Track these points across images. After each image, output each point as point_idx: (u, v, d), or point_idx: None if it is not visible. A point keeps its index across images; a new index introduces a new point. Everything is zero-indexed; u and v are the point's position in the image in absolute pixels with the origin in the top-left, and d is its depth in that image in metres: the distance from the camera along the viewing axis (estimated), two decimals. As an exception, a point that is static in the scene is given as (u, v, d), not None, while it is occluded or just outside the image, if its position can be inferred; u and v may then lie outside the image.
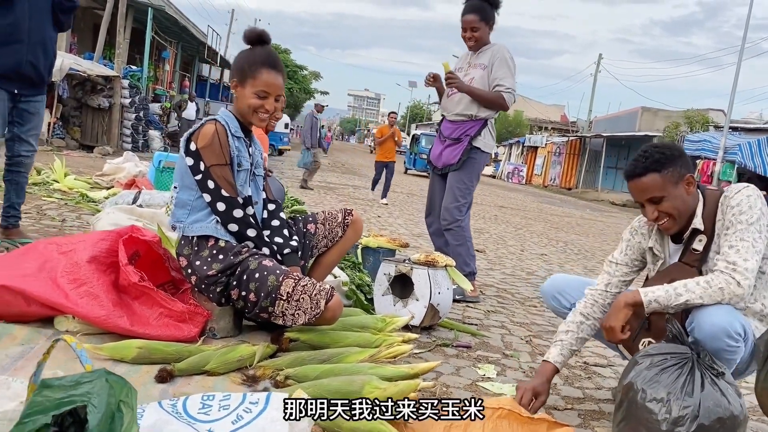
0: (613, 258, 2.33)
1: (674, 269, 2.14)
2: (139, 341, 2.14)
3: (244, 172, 2.53)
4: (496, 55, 3.81)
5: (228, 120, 2.50)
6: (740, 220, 2.00)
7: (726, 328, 1.89)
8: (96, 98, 13.32)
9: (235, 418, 1.49)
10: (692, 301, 1.95)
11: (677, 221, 2.09)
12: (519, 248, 7.26)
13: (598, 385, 2.65)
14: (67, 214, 4.79)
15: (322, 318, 2.35)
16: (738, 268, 1.94)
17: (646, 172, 2.05)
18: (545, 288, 2.47)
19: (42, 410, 0.92)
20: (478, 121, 3.85)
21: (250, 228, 2.48)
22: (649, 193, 2.06)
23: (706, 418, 1.74)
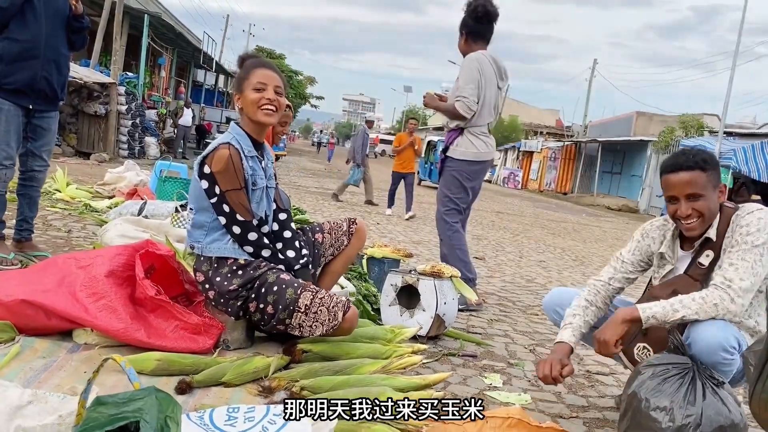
0: (621, 255, 2.41)
1: (678, 281, 2.21)
2: (158, 354, 2.21)
3: (260, 191, 2.58)
4: (462, 66, 3.90)
5: (240, 140, 2.54)
6: (746, 241, 2.06)
7: (721, 343, 1.97)
8: (92, 105, 13.36)
9: (260, 429, 1.56)
10: (688, 317, 2.03)
11: (704, 223, 2.14)
12: (517, 255, 7.34)
13: (601, 393, 2.72)
14: (72, 225, 4.84)
15: (339, 329, 2.43)
16: (733, 285, 2.01)
17: (695, 167, 2.10)
18: (546, 302, 2.55)
19: (97, 426, 0.99)
20: (453, 130, 3.98)
21: (265, 249, 2.53)
22: (691, 189, 2.10)
23: (708, 426, 1.81)
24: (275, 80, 2.57)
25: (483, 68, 3.85)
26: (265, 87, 2.52)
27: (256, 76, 2.53)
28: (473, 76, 3.83)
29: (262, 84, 2.52)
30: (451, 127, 3.97)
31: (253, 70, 2.55)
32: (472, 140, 3.96)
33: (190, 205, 2.57)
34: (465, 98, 3.82)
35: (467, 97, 3.82)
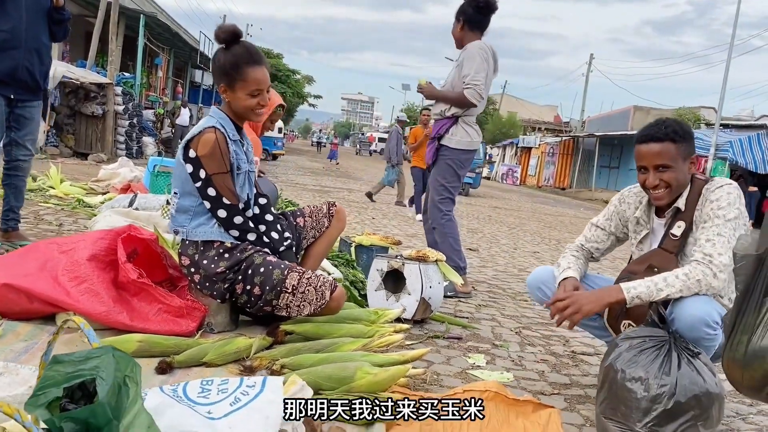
0: (596, 221, 2.46)
1: (653, 255, 2.23)
2: (140, 335, 2.22)
3: (243, 174, 2.59)
4: (466, 53, 3.89)
5: (225, 124, 2.53)
6: (718, 215, 2.09)
7: (704, 318, 1.99)
8: (89, 106, 13.37)
9: (233, 400, 1.56)
10: (672, 295, 2.05)
11: (672, 194, 2.17)
12: (512, 246, 7.35)
13: (584, 372, 2.73)
14: (64, 219, 4.85)
15: (327, 308, 2.45)
16: (714, 261, 2.03)
17: (665, 139, 2.13)
18: (530, 280, 2.56)
19: (54, 384, 1.00)
20: (447, 119, 3.95)
21: (250, 233, 2.55)
22: (660, 160, 2.14)
23: (683, 395, 1.82)
24: (267, 80, 2.55)
25: (488, 58, 3.89)
26: (260, 92, 2.51)
27: (251, 80, 2.47)
28: (483, 65, 3.84)
29: (258, 90, 2.50)
30: (446, 116, 3.97)
31: (246, 69, 2.47)
32: (466, 129, 3.98)
33: (174, 189, 2.57)
34: (476, 86, 3.81)
35: (479, 84, 3.82)
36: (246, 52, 2.51)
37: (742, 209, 2.12)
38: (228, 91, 2.52)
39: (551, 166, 31.40)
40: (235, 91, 2.50)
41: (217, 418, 1.50)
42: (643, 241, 2.34)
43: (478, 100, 3.85)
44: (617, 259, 7.06)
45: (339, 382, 1.96)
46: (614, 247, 2.52)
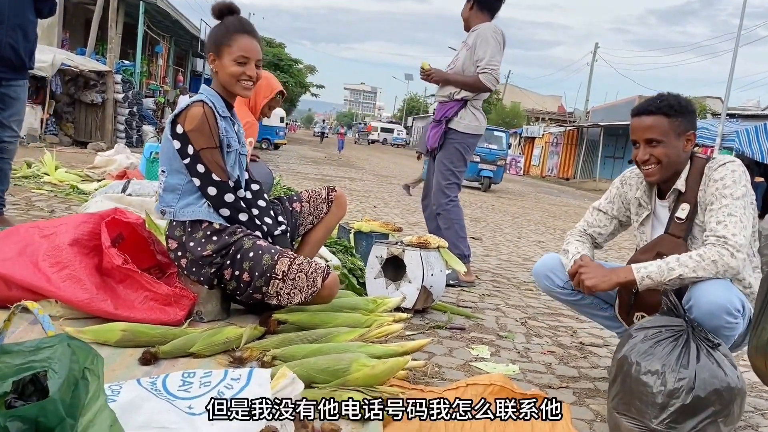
0: (598, 204, 2.35)
1: (661, 241, 2.11)
2: (123, 324, 2.10)
3: (234, 153, 2.47)
4: (479, 35, 3.75)
5: (214, 100, 2.43)
6: (725, 194, 1.97)
7: (725, 305, 1.85)
8: (89, 94, 13.23)
9: (215, 394, 1.44)
10: (686, 276, 1.91)
11: (663, 171, 2.06)
12: (516, 236, 7.21)
13: (594, 364, 2.61)
14: (56, 205, 4.73)
15: (318, 296, 2.31)
16: (729, 241, 1.91)
17: (657, 112, 2.03)
18: (537, 268, 2.43)
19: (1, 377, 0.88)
20: (455, 102, 3.80)
21: (242, 212, 2.42)
22: (650, 134, 2.04)
23: (702, 389, 1.69)
24: (257, 52, 2.44)
25: (501, 45, 3.77)
26: (247, 61, 2.40)
27: (238, 47, 2.39)
28: (498, 49, 3.73)
29: (245, 58, 2.39)
30: (455, 99, 3.82)
31: (236, 37, 2.39)
32: (474, 113, 3.85)
33: (161, 167, 2.45)
34: (493, 70, 3.70)
35: (495, 68, 3.71)
36: (237, 20, 2.43)
37: (748, 186, 2.01)
38: (216, 60, 2.42)
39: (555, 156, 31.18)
40: (222, 59, 2.40)
41: (198, 413, 1.38)
42: (644, 223, 2.22)
43: (494, 84, 3.77)
44: (623, 249, 6.92)
45: (333, 375, 1.83)
46: (617, 233, 2.39)
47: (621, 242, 7.55)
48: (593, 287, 2.02)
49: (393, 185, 13.02)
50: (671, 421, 1.70)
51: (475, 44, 3.74)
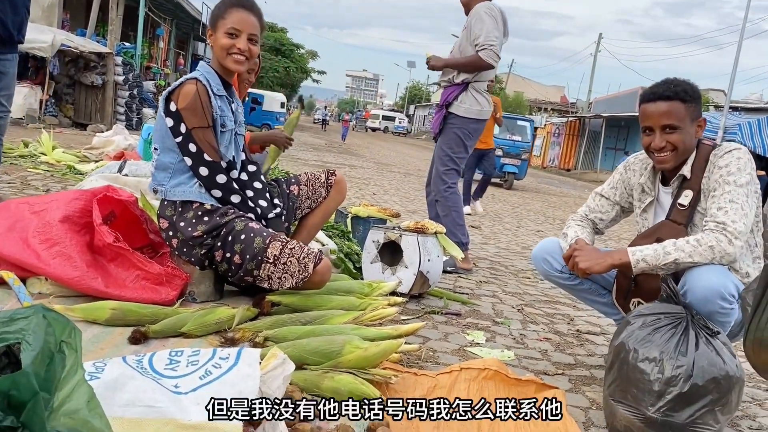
0: (601, 190, 2.32)
1: (662, 227, 2.08)
2: (114, 302, 2.07)
3: (229, 133, 2.42)
4: (473, 15, 3.68)
5: (209, 77, 2.38)
6: (728, 181, 1.93)
7: (720, 290, 1.82)
8: (89, 75, 13.13)
9: (203, 373, 1.41)
10: (681, 260, 1.88)
11: (677, 157, 2.03)
12: (515, 225, 7.18)
13: (590, 352, 2.58)
14: (52, 185, 4.69)
15: (310, 281, 2.28)
16: (728, 228, 1.87)
17: (674, 98, 1.98)
18: (535, 252, 2.39)
19: (-29, 348, 0.84)
20: (456, 85, 3.73)
21: (234, 194, 2.38)
22: (668, 120, 1.98)
23: (700, 377, 1.66)
24: (250, 26, 2.38)
25: (497, 18, 3.66)
26: (238, 33, 2.35)
27: (231, 19, 2.34)
28: (494, 24, 3.61)
29: (236, 30, 2.35)
30: (455, 82, 3.75)
31: (230, 10, 2.35)
32: (476, 97, 3.76)
33: (154, 144, 2.40)
34: (492, 46, 3.57)
35: (494, 44, 3.58)
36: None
37: (753, 174, 1.97)
38: (213, 35, 2.39)
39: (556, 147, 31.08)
40: (216, 32, 2.36)
41: (184, 392, 1.35)
42: (647, 209, 2.19)
43: (495, 60, 3.64)
44: (623, 239, 6.89)
45: (325, 356, 1.80)
46: (619, 219, 2.35)
47: (620, 233, 7.52)
48: (587, 269, 1.99)
49: (393, 173, 12.97)
50: (668, 409, 1.67)
51: (471, 24, 3.67)
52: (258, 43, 2.44)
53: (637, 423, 1.71)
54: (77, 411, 0.91)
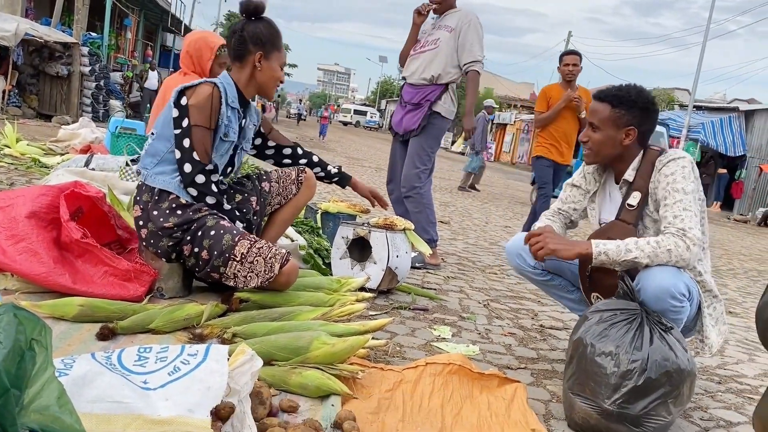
0: (571, 180, 2.41)
1: (612, 227, 2.17)
2: (81, 299, 2.06)
3: (229, 144, 2.47)
4: (464, 20, 3.73)
5: (228, 88, 2.45)
6: (677, 189, 2.02)
7: (669, 290, 1.90)
8: (54, 66, 12.87)
9: (171, 369, 1.43)
10: (639, 260, 1.95)
11: (594, 156, 2.19)
12: (483, 221, 7.27)
13: (552, 346, 2.65)
14: (16, 178, 4.61)
15: (275, 282, 2.31)
16: (687, 233, 1.95)
17: (605, 99, 2.13)
18: (509, 247, 2.43)
19: (-59, 347, 0.85)
20: (438, 85, 3.78)
21: (210, 196, 2.40)
22: (593, 118, 2.16)
23: (654, 371, 1.74)
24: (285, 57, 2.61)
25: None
26: (283, 66, 2.58)
27: (283, 54, 2.56)
28: (480, 33, 3.78)
29: (283, 64, 2.57)
30: (440, 82, 3.79)
31: (281, 43, 2.55)
32: (452, 98, 3.87)
33: (153, 129, 2.43)
34: (483, 58, 3.80)
35: (482, 57, 3.80)
36: (277, 28, 2.55)
37: (697, 181, 2.08)
38: (263, 60, 2.48)
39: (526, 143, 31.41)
40: (270, 61, 2.50)
41: (153, 388, 1.37)
42: (593, 199, 2.32)
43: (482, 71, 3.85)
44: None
45: (293, 352, 1.83)
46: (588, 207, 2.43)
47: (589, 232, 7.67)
48: (554, 251, 2.03)
49: (365, 168, 13.00)
50: (623, 401, 1.74)
51: (462, 29, 3.71)
52: None
53: (594, 415, 1.78)
54: (47, 407, 0.93)
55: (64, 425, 0.92)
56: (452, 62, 3.75)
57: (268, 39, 2.49)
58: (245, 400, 1.49)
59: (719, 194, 18.75)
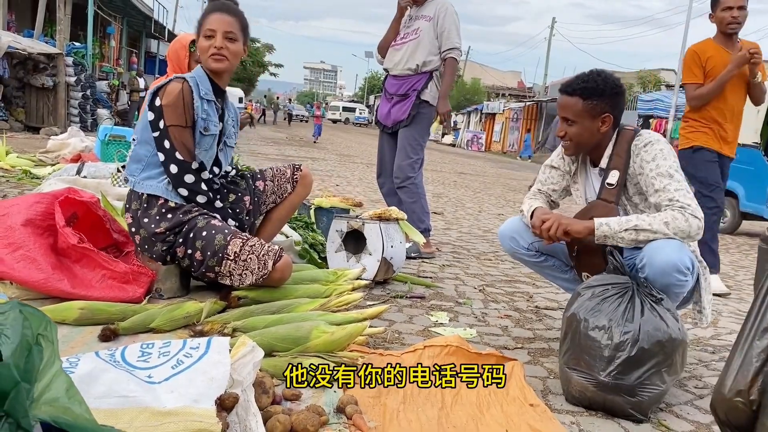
0: (549, 161, 2.43)
1: (594, 207, 2.20)
2: (81, 302, 2.09)
3: (211, 138, 2.47)
4: (441, 8, 3.78)
5: (200, 80, 2.45)
6: (662, 173, 2.05)
7: (676, 264, 1.93)
8: (39, 77, 12.84)
9: (175, 363, 1.46)
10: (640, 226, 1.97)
11: (575, 148, 2.22)
12: (476, 210, 7.31)
13: (548, 326, 2.70)
14: (8, 191, 4.62)
15: (269, 278, 2.33)
16: (687, 209, 1.99)
17: (574, 94, 2.14)
18: (502, 230, 2.46)
19: (-49, 345, 0.88)
20: (423, 74, 3.82)
21: (200, 195, 2.43)
22: (565, 113, 2.17)
23: (646, 341, 1.78)
24: (225, 24, 2.45)
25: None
26: (213, 34, 2.44)
27: (207, 22, 2.46)
28: (457, 21, 3.83)
29: (212, 31, 2.44)
30: (422, 71, 3.83)
31: (207, 16, 2.47)
32: (436, 84, 3.90)
33: (134, 135, 2.46)
34: (460, 45, 3.86)
35: (460, 44, 3.85)
36: (215, 3, 2.51)
37: (676, 159, 2.11)
38: (197, 41, 2.49)
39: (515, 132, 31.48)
40: (199, 38, 2.47)
41: (158, 382, 1.40)
42: (575, 177, 2.36)
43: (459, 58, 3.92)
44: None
45: (294, 342, 1.87)
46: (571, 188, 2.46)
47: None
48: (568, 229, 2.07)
49: (356, 164, 13.02)
50: (618, 372, 1.78)
51: (439, 17, 3.76)
52: (239, 42, 2.50)
53: (591, 387, 1.82)
54: (57, 399, 0.96)
55: (75, 415, 0.95)
56: (434, 50, 3.79)
57: (198, 22, 2.50)
58: (249, 389, 1.53)
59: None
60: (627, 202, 2.17)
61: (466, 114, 38.04)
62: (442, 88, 3.86)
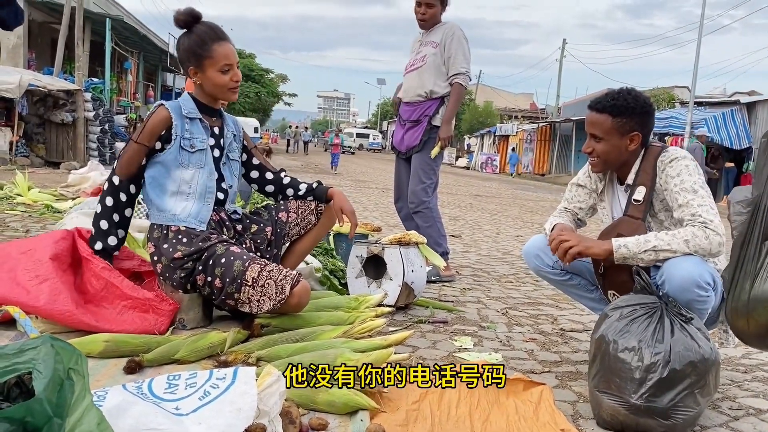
0: (576, 180, 2.43)
1: (620, 223, 2.19)
2: (106, 335, 2.10)
3: (201, 154, 2.48)
4: (448, 33, 3.80)
5: (182, 102, 2.49)
6: (686, 189, 2.04)
7: (695, 279, 1.91)
8: (59, 113, 13.07)
9: (202, 394, 1.46)
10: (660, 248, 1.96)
11: (603, 165, 2.21)
12: (494, 232, 7.28)
13: (575, 348, 2.65)
14: (31, 225, 4.68)
15: (287, 304, 2.29)
16: (708, 225, 1.97)
17: (603, 111, 2.13)
18: (527, 248, 2.45)
19: (-15, 381, 0.89)
20: (434, 99, 3.84)
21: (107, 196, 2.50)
22: (594, 130, 2.16)
23: (678, 362, 1.74)
24: (236, 56, 2.50)
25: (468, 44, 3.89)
26: (231, 67, 2.45)
27: (220, 56, 2.43)
28: (465, 45, 3.83)
29: (228, 65, 2.45)
30: (433, 97, 3.85)
31: (213, 46, 2.43)
32: None
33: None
34: (468, 71, 3.87)
35: (468, 69, 3.85)
36: (209, 29, 2.46)
37: (701, 176, 2.09)
38: (198, 72, 2.46)
39: (530, 153, 31.45)
40: (205, 71, 2.44)
41: (186, 413, 1.39)
42: (603, 198, 2.34)
43: (468, 83, 3.92)
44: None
45: (318, 370, 1.85)
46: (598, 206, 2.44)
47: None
48: (585, 250, 2.06)
49: (371, 189, 13.06)
50: (650, 395, 1.75)
51: (446, 42, 3.78)
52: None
53: (622, 411, 1.78)
54: (89, 434, 0.96)
55: (107, 449, 0.95)
56: (441, 76, 3.81)
57: (193, 52, 2.44)
58: (275, 420, 1.52)
59: (728, 188, 18.64)
60: (651, 219, 2.15)
61: (480, 137, 38.10)
62: (446, 113, 3.85)
